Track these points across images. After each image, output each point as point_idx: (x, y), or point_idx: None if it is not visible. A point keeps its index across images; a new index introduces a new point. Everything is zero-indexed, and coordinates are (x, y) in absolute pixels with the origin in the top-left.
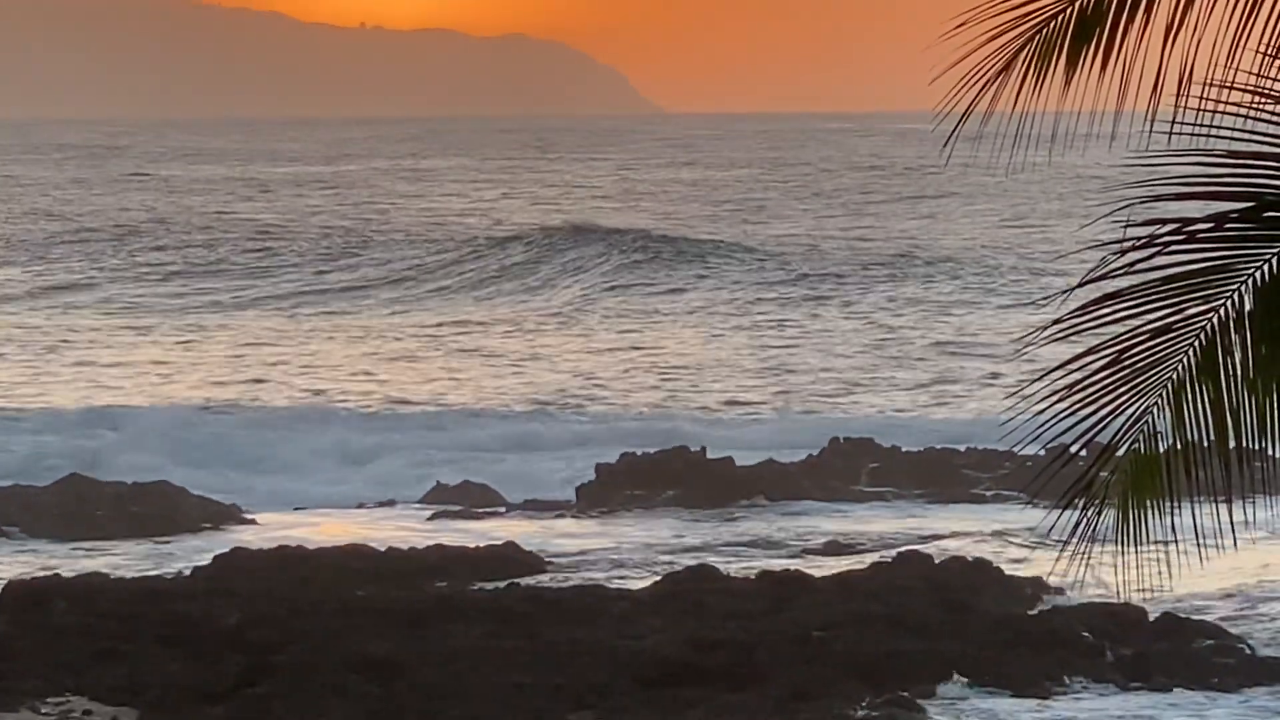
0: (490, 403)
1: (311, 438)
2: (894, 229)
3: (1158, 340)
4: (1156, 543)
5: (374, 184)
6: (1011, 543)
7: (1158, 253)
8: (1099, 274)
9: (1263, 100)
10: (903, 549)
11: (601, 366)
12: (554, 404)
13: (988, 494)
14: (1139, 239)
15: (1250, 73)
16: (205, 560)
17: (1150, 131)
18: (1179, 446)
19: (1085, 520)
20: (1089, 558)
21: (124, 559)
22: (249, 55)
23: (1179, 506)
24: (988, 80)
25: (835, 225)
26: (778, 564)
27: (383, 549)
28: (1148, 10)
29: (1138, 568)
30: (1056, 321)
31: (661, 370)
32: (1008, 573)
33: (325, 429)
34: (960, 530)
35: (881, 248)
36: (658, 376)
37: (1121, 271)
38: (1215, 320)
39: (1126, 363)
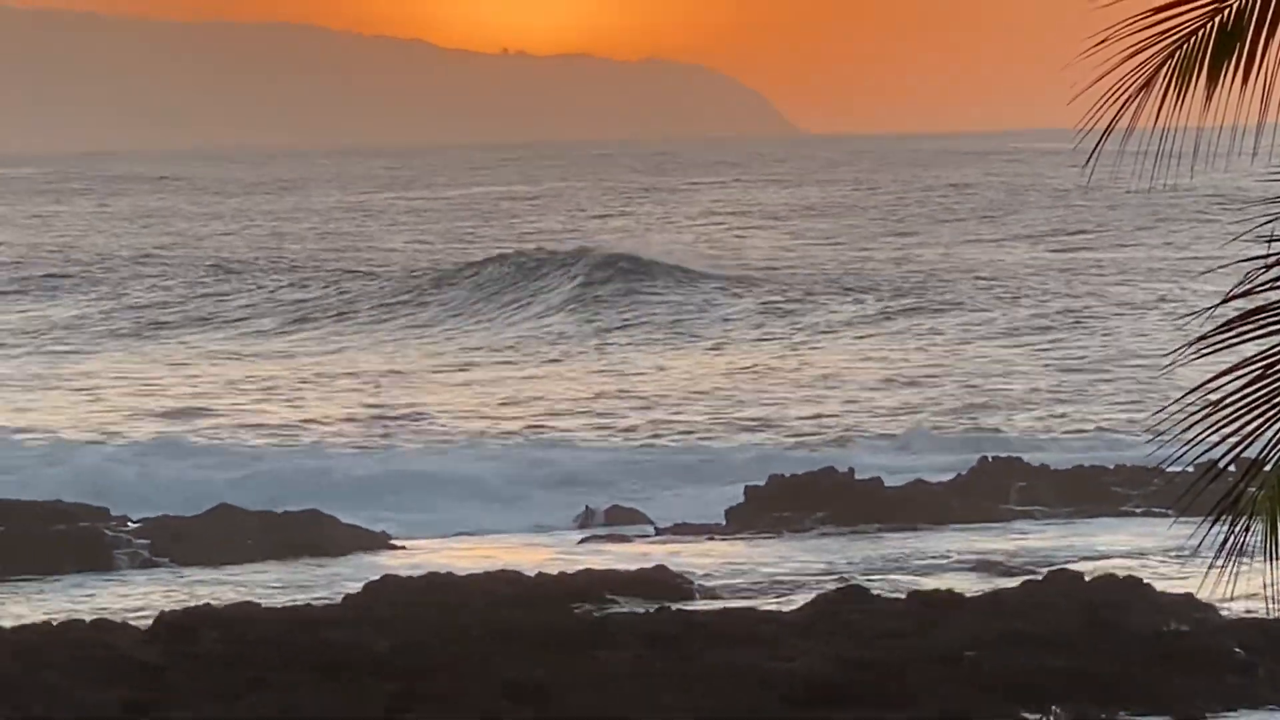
0: (638, 427)
1: (461, 465)
2: (1037, 245)
3: None
4: None
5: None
6: (1161, 559)
7: None
8: (1244, 289)
9: None
10: (1052, 567)
11: (747, 389)
12: (702, 427)
13: (1136, 510)
14: None
15: None
16: (355, 588)
17: None
18: None
19: (1234, 535)
20: (1239, 573)
21: (274, 587)
22: (391, 83)
23: None
24: (1129, 97)
25: (977, 244)
26: (927, 584)
27: (532, 574)
28: None
29: None
30: (1202, 338)
31: (808, 392)
32: (1157, 589)
33: (475, 456)
34: (1109, 547)
35: (1024, 265)
36: (804, 399)
37: (1266, 286)
38: None
39: (1273, 378)
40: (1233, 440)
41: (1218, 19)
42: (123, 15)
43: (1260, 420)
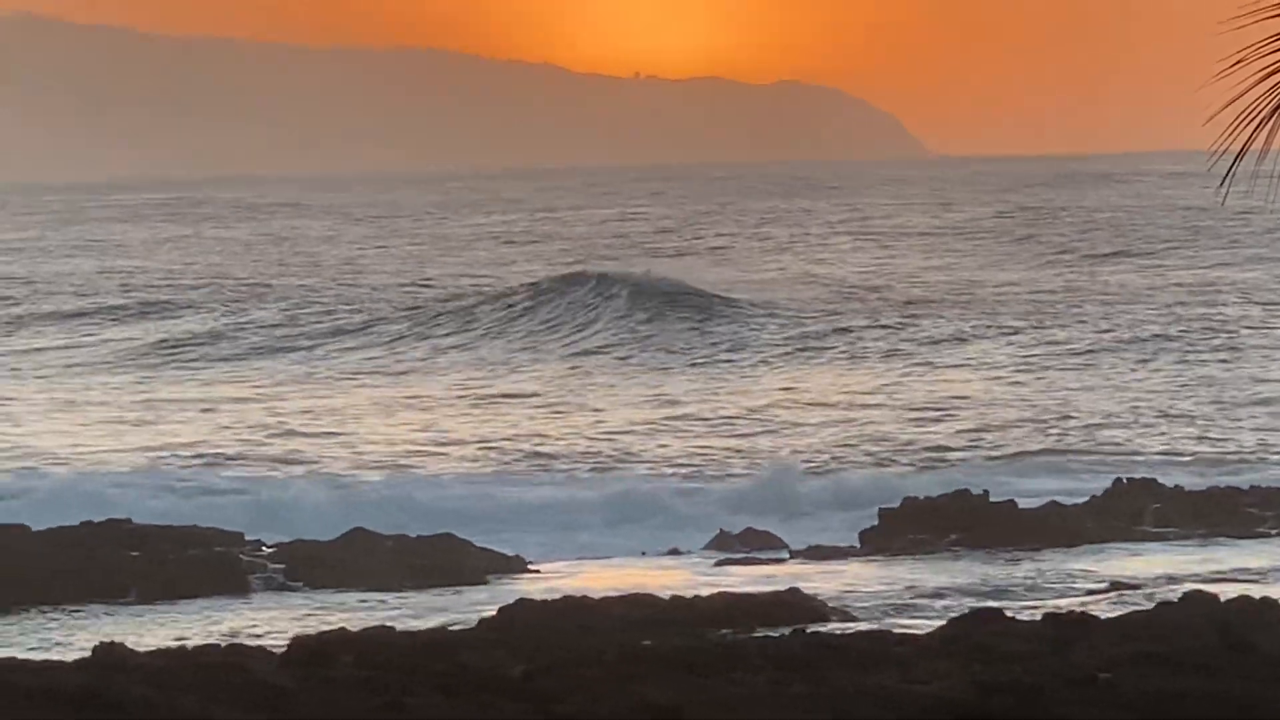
0: (769, 449)
1: (596, 489)
2: (1168, 266)
3: None
4: None
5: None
6: None
7: None
8: None
9: None
10: (1187, 589)
11: (880, 412)
12: (833, 449)
13: (1272, 532)
14: None
15: None
16: (490, 611)
17: None
18: None
19: None
20: None
21: (409, 611)
22: (522, 106)
23: None
24: (1263, 119)
25: (1105, 264)
26: (1062, 605)
27: (666, 597)
28: None
29: None
30: None
31: (939, 413)
32: None
33: (610, 480)
34: (1245, 569)
35: (1153, 285)
36: (935, 420)
37: None
38: None
39: None
40: None
41: None
42: (261, 41)
43: None
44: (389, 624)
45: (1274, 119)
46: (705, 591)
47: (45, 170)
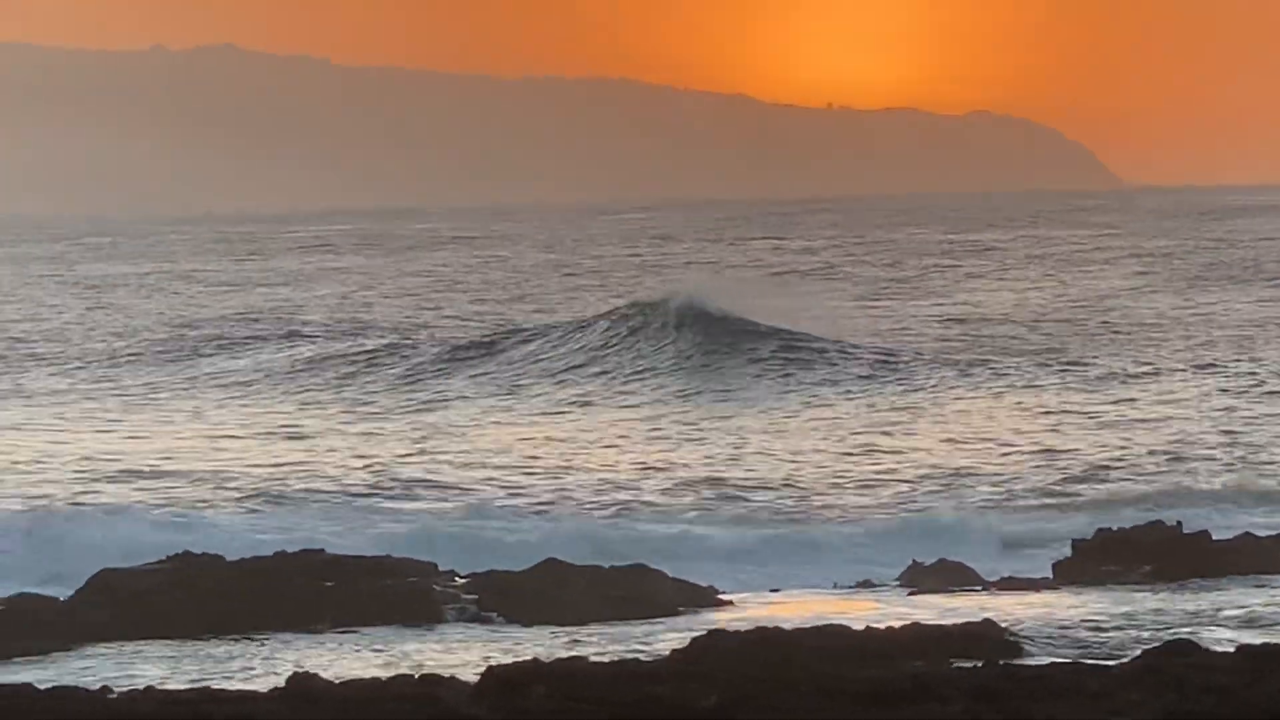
0: (961, 480)
1: (787, 521)
2: None
3: None
4: None
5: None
6: None
7: None
8: None
9: None
10: None
11: (1069, 441)
12: (1025, 480)
13: None
14: None
15: None
16: (682, 642)
17: None
18: None
19: None
20: None
21: (601, 642)
22: (715, 137)
23: None
24: None
25: None
26: (1257, 638)
27: (859, 628)
28: None
29: None
30: None
31: (1132, 444)
32: None
33: (802, 510)
34: None
35: None
36: (1129, 451)
37: None
38: None
39: None
40: None
41: None
42: (452, 72)
43: None
44: (581, 655)
45: None
46: (898, 623)
47: (243, 198)
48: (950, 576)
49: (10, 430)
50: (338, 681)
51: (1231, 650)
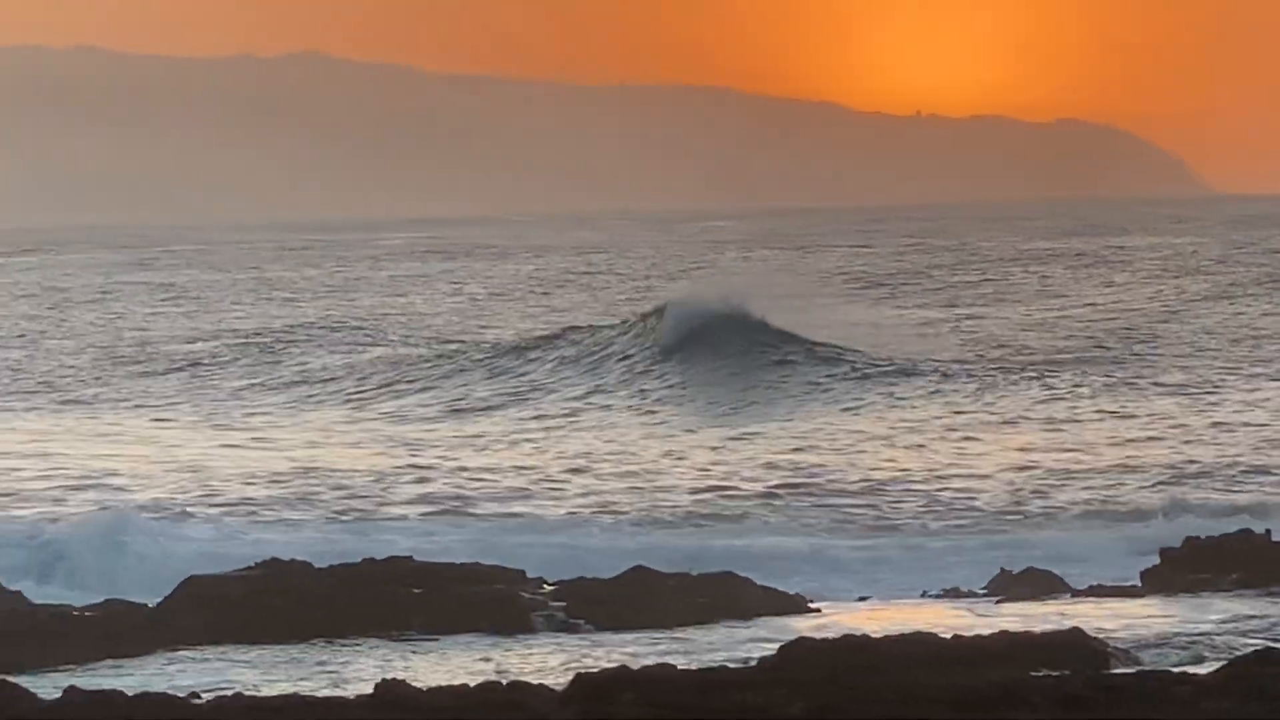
0: (1060, 488)
1: (875, 528)
2: None
3: None
4: None
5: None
6: None
7: None
8: None
9: None
10: None
11: (1157, 450)
12: (1113, 489)
13: None
14: None
15: None
16: (769, 649)
17: None
18: None
19: None
20: None
21: (689, 649)
22: (803, 145)
23: None
24: None
25: None
26: None
27: (946, 636)
28: None
29: None
30: None
31: (1220, 452)
32: None
33: (889, 516)
34: None
35: None
36: (1216, 459)
37: None
38: None
39: None
40: None
41: None
42: (542, 80)
43: None
44: (669, 662)
45: None
46: (986, 631)
47: (330, 206)
48: (1038, 585)
49: (97, 436)
50: (425, 689)
51: None
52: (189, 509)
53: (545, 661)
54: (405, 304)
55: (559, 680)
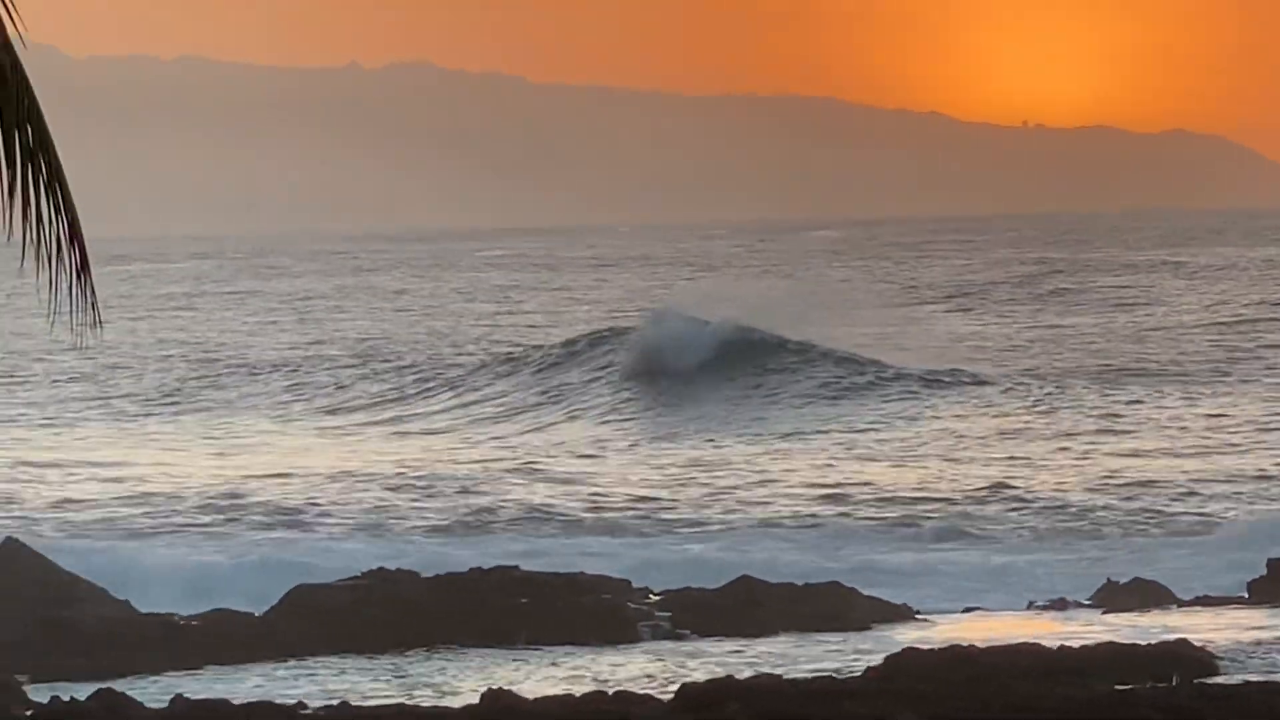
0: (1164, 497)
1: (980, 539)
2: None
3: None
4: None
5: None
6: None
7: None
8: None
9: None
10: None
11: (1257, 459)
12: (1219, 500)
13: None
14: None
15: None
16: (876, 660)
17: None
18: None
19: None
20: None
21: (795, 659)
22: (909, 155)
23: None
24: None
25: None
26: None
27: (1053, 647)
28: None
29: None
30: None
31: None
32: None
33: (995, 528)
34: None
35: None
36: None
37: None
38: None
39: None
40: None
41: None
42: (644, 89)
43: None
44: (776, 672)
45: None
46: (1092, 642)
47: (436, 215)
48: (1144, 595)
49: (203, 444)
50: (532, 698)
51: None
52: (295, 517)
53: (651, 671)
54: (528, 313)
55: (664, 690)
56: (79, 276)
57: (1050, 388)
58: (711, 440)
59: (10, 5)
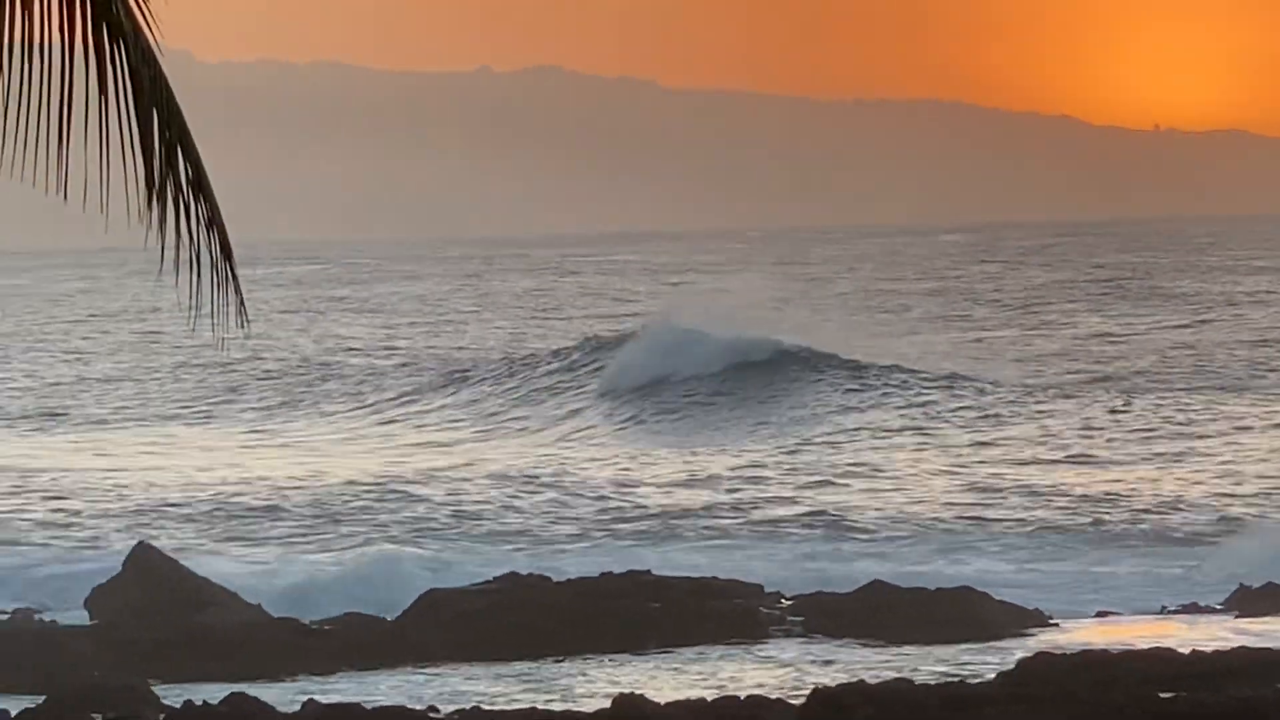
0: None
1: (1115, 543)
2: None
3: None
4: None
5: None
6: None
7: None
8: None
9: None
10: None
11: None
12: None
13: None
14: None
15: None
16: (1008, 665)
17: None
18: None
19: None
20: None
21: (926, 665)
22: (1039, 159)
23: None
24: None
25: None
26: None
27: (1186, 652)
28: None
29: None
30: None
31: None
32: None
33: (1130, 533)
34: None
35: None
36: None
37: None
38: None
39: None
40: None
41: None
42: (776, 94)
43: None
44: (907, 677)
45: None
46: (1225, 647)
47: (567, 220)
48: (1278, 600)
49: (331, 447)
50: (663, 703)
51: None
52: (426, 523)
53: (782, 676)
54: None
55: (796, 695)
56: (224, 278)
57: (1180, 393)
58: (837, 444)
59: (148, 13)
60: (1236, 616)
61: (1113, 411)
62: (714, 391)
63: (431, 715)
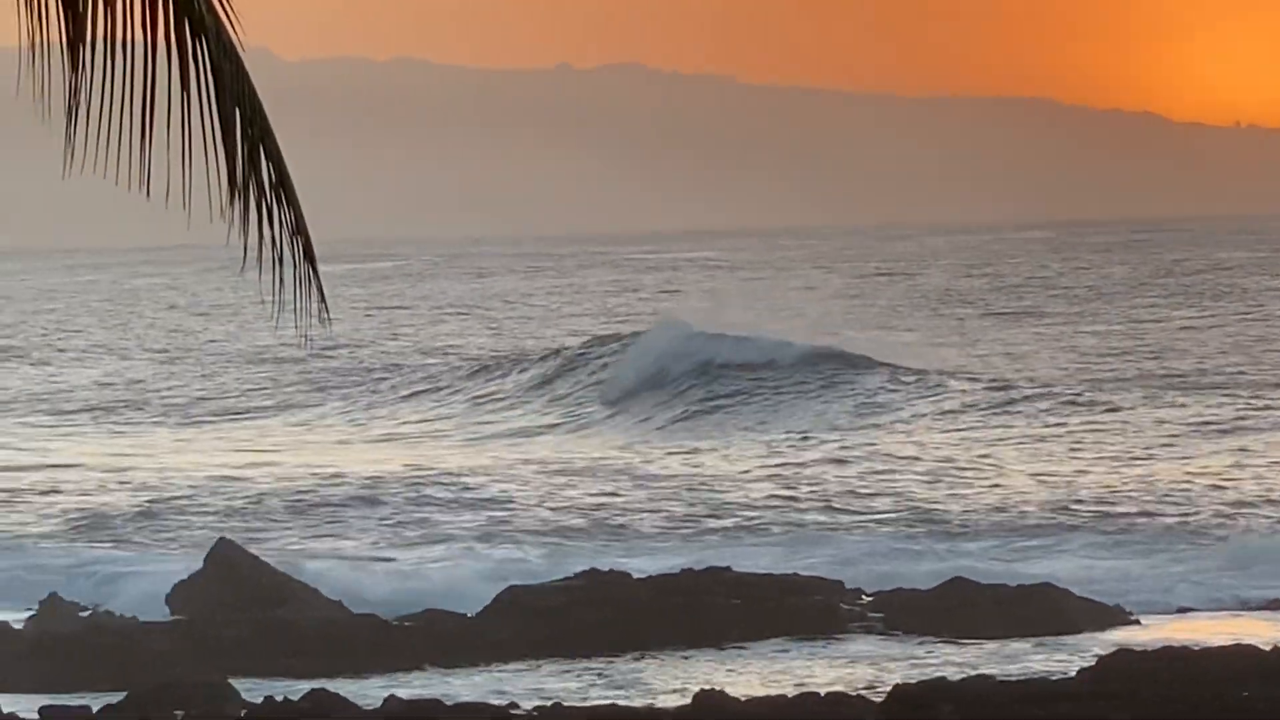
0: None
1: (1198, 539)
2: None
3: None
4: None
5: None
6: None
7: None
8: None
9: None
10: None
11: None
12: None
13: None
14: None
15: None
16: (1089, 662)
17: None
18: None
19: None
20: None
21: (1007, 661)
22: (1121, 156)
23: None
24: None
25: None
26: None
27: (1268, 649)
28: None
29: None
30: None
31: None
32: None
33: (1212, 529)
34: None
35: None
36: None
37: None
38: None
39: None
40: None
41: None
42: (855, 90)
43: None
44: (988, 673)
45: None
46: None
47: (647, 217)
48: None
49: (401, 440)
50: (743, 699)
51: None
52: (507, 522)
53: (863, 672)
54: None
55: (876, 691)
56: (307, 276)
57: (1266, 389)
58: (917, 440)
59: (230, 9)
60: None
61: (1192, 408)
62: (794, 383)
63: (512, 712)
